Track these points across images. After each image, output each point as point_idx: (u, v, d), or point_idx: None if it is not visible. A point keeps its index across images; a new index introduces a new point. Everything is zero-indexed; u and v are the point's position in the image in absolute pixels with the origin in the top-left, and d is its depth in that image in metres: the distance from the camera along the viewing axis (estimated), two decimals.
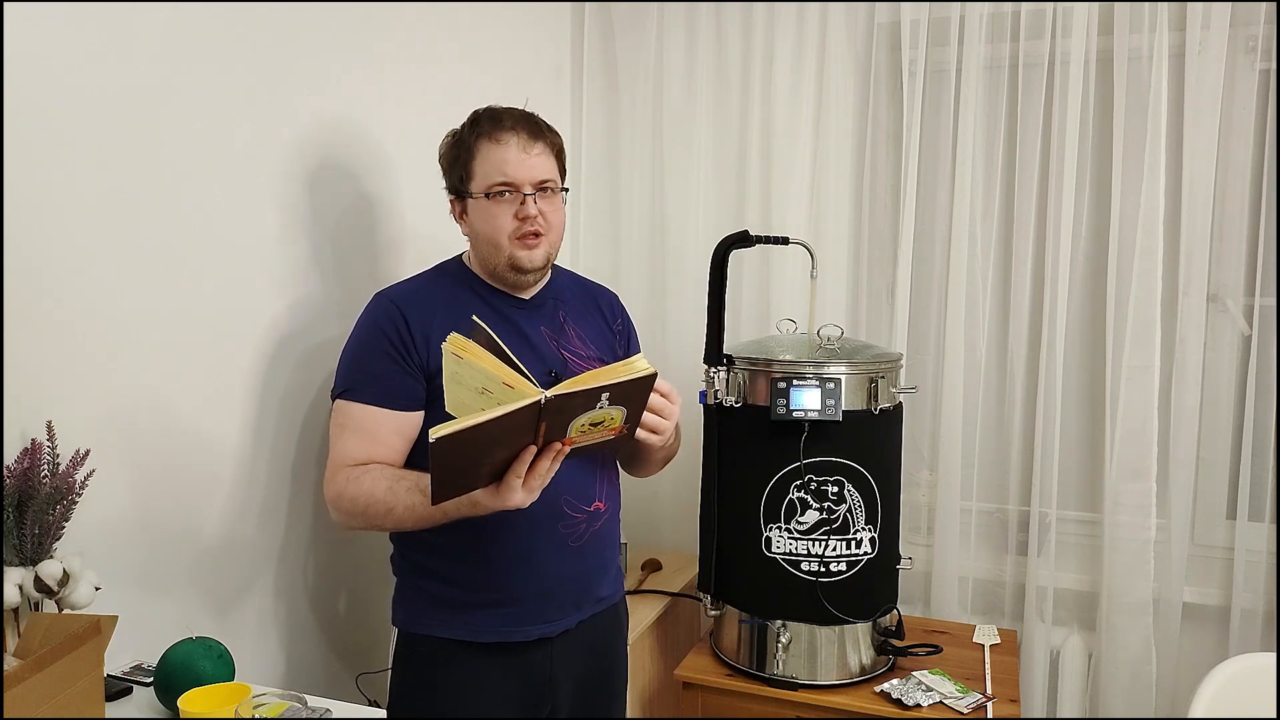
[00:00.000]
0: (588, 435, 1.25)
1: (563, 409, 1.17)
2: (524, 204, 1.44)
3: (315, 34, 1.70)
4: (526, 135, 1.45)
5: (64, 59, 1.27)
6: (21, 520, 1.17)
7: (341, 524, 1.44)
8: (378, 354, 1.43)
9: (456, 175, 1.49)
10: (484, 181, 1.44)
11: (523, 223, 1.44)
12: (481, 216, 1.46)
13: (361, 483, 1.38)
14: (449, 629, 1.47)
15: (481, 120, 1.47)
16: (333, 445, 1.44)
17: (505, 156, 1.43)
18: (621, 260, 2.62)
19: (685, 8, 2.48)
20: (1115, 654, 2.23)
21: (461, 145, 1.47)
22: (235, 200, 1.56)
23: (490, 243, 1.46)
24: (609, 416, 1.25)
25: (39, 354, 1.25)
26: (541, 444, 1.22)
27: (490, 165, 1.44)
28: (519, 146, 1.44)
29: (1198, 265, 2.14)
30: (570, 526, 1.49)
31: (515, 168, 1.43)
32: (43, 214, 1.25)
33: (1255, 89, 2.10)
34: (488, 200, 1.44)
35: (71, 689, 1.07)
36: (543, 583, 1.48)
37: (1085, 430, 2.31)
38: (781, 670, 1.92)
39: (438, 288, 1.51)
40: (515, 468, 1.22)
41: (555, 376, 1.49)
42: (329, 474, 1.43)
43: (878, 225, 2.43)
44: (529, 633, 1.48)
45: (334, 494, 1.42)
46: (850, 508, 1.88)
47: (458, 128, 1.51)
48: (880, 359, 1.92)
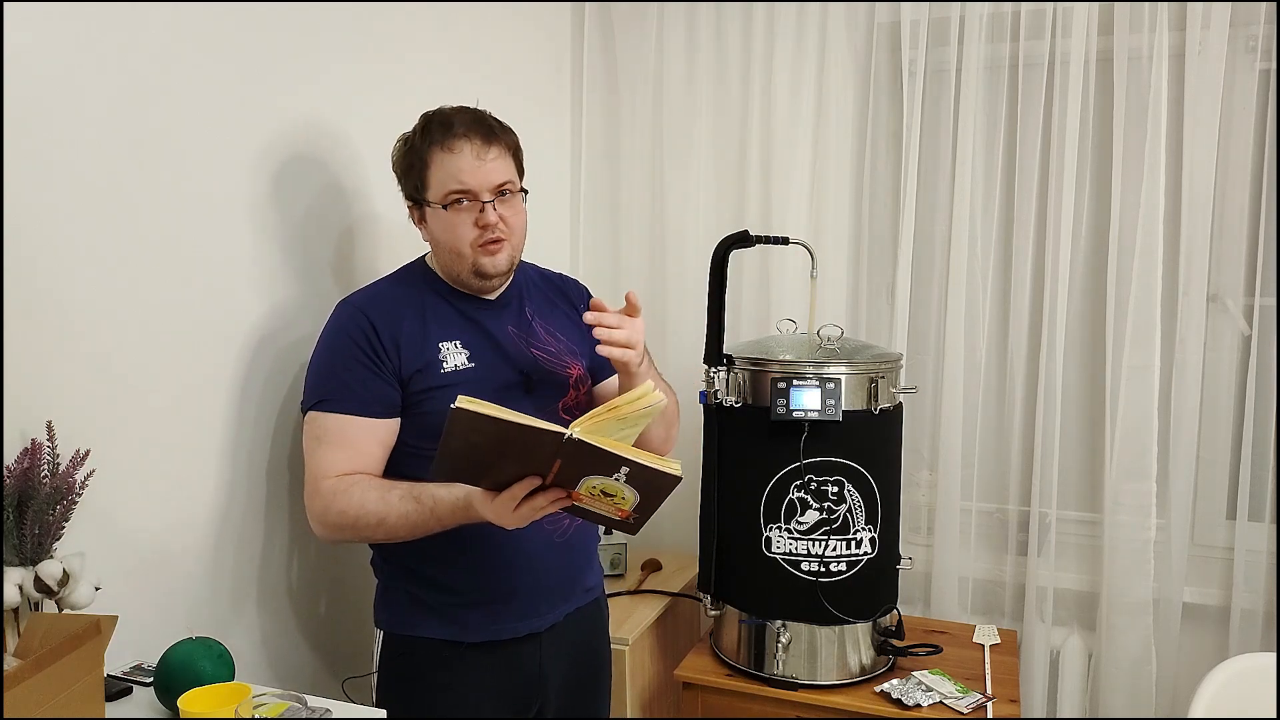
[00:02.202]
0: (595, 501, 1.22)
1: (579, 458, 1.15)
2: (483, 211, 1.41)
3: (309, 36, 1.70)
4: (480, 140, 1.41)
5: (57, 59, 1.27)
6: (21, 520, 1.17)
7: (326, 538, 1.42)
8: (349, 362, 1.41)
9: (411, 183, 1.46)
10: (440, 190, 1.42)
11: (483, 231, 1.42)
12: (441, 226, 1.44)
13: (351, 495, 1.36)
14: (436, 629, 1.46)
15: (433, 127, 1.43)
16: (310, 458, 1.42)
17: (460, 165, 1.40)
18: (621, 260, 2.61)
19: (685, 8, 2.48)
20: (1115, 654, 2.22)
21: (415, 153, 1.44)
22: (233, 202, 1.56)
23: (452, 251, 1.45)
24: (621, 494, 1.20)
25: (39, 354, 1.25)
26: (550, 482, 1.21)
27: (445, 174, 1.41)
28: (473, 153, 1.40)
29: (1198, 265, 2.14)
30: (554, 521, 1.46)
31: (471, 175, 1.40)
32: (43, 214, 1.25)
33: (1255, 89, 2.10)
34: (445, 210, 1.42)
35: (71, 689, 1.07)
36: (530, 578, 1.48)
37: (1085, 430, 2.31)
38: (781, 670, 1.92)
39: (402, 291, 1.50)
40: (514, 489, 1.21)
41: (527, 377, 1.49)
42: (310, 489, 1.41)
43: (878, 225, 2.43)
44: (517, 629, 1.48)
45: (320, 508, 1.39)
46: (850, 508, 1.88)
47: (408, 132, 1.47)
48: (880, 359, 1.92)
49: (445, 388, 1.42)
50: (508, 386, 1.46)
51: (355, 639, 1.86)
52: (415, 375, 1.42)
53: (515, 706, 1.51)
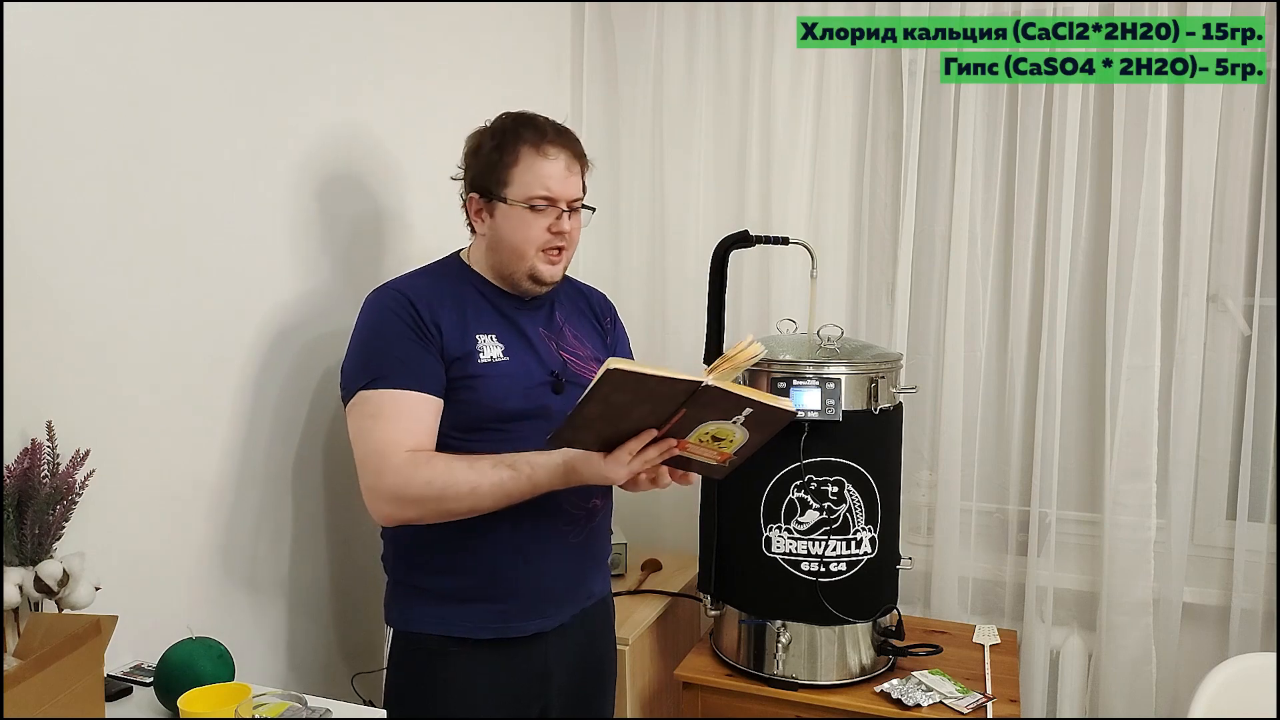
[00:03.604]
0: (702, 448, 1.33)
1: (706, 405, 1.26)
2: (560, 219, 1.45)
3: (313, 35, 1.70)
4: (572, 155, 1.46)
5: (65, 59, 1.27)
6: (21, 520, 1.17)
7: (395, 516, 1.39)
8: (399, 339, 1.40)
9: (491, 177, 1.46)
10: (525, 191, 1.44)
11: (555, 237, 1.46)
12: (513, 224, 1.45)
13: (434, 465, 1.35)
14: (446, 626, 1.47)
15: (525, 127, 1.45)
16: (368, 438, 1.38)
17: (552, 172, 1.44)
18: (621, 260, 2.61)
19: (685, 8, 2.48)
20: (1115, 654, 2.23)
21: (503, 149, 1.45)
22: (233, 202, 1.56)
23: (515, 251, 1.46)
24: (731, 436, 1.32)
25: (39, 354, 1.25)
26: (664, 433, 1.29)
27: (533, 176, 1.43)
28: (565, 165, 1.45)
29: (1198, 265, 2.14)
30: (570, 524, 1.51)
31: (560, 184, 1.44)
32: (43, 214, 1.25)
33: (1255, 90, 2.10)
34: (525, 210, 1.44)
35: (71, 689, 1.07)
36: (542, 580, 1.49)
37: (1085, 430, 2.31)
38: (781, 670, 1.92)
39: (439, 284, 1.50)
40: (630, 445, 1.30)
41: (557, 377, 1.49)
42: (375, 466, 1.36)
43: (878, 225, 2.43)
44: (525, 628, 1.49)
45: (398, 483, 1.35)
46: (850, 508, 1.88)
47: (490, 126, 1.48)
48: (880, 359, 1.92)
49: (482, 377, 1.43)
50: (539, 384, 1.48)
51: (357, 638, 1.86)
52: (455, 362, 1.43)
53: (520, 705, 1.52)
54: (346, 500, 1.83)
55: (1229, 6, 2.05)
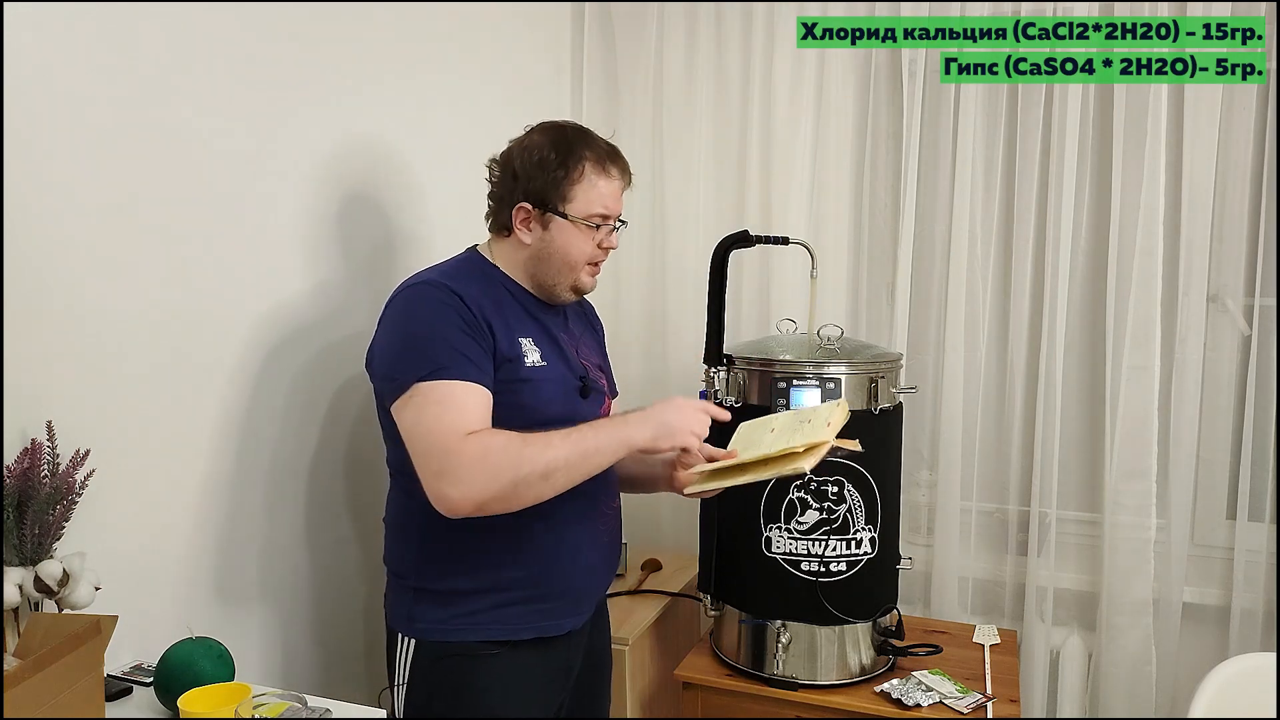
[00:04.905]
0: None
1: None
2: (610, 235, 1.50)
3: (312, 35, 1.70)
4: (623, 174, 1.51)
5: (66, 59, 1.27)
6: (21, 520, 1.17)
7: (469, 495, 1.28)
8: (456, 332, 1.36)
9: (553, 190, 1.45)
10: (586, 209, 1.46)
11: (602, 252, 1.50)
12: (569, 238, 1.46)
13: (497, 435, 1.30)
14: (484, 630, 1.44)
15: (586, 145, 1.47)
16: (434, 425, 1.30)
17: (613, 192, 1.48)
18: (621, 261, 2.61)
19: (685, 8, 2.48)
20: (1115, 654, 2.23)
21: (570, 164, 1.44)
22: (232, 203, 1.56)
23: (567, 264, 1.48)
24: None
25: (39, 354, 1.25)
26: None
27: (596, 194, 1.46)
28: (621, 186, 1.50)
29: (1198, 265, 2.14)
30: (605, 521, 1.55)
31: (615, 203, 1.49)
32: (43, 214, 1.25)
33: (1255, 89, 2.10)
34: (585, 226, 1.46)
35: (71, 689, 1.07)
36: (580, 580, 1.52)
37: (1085, 430, 2.31)
38: (781, 670, 1.92)
39: (476, 283, 1.46)
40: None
41: (585, 382, 1.52)
42: (442, 447, 1.28)
43: (878, 225, 2.43)
44: (561, 626, 1.50)
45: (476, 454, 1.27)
46: (850, 508, 1.88)
47: (547, 137, 1.46)
48: (880, 359, 1.92)
49: (530, 382, 1.43)
50: (571, 389, 1.50)
51: (358, 638, 1.86)
52: (506, 364, 1.41)
53: (550, 701, 1.53)
54: (347, 500, 1.83)
55: (1229, 6, 2.05)
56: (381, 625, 1.54)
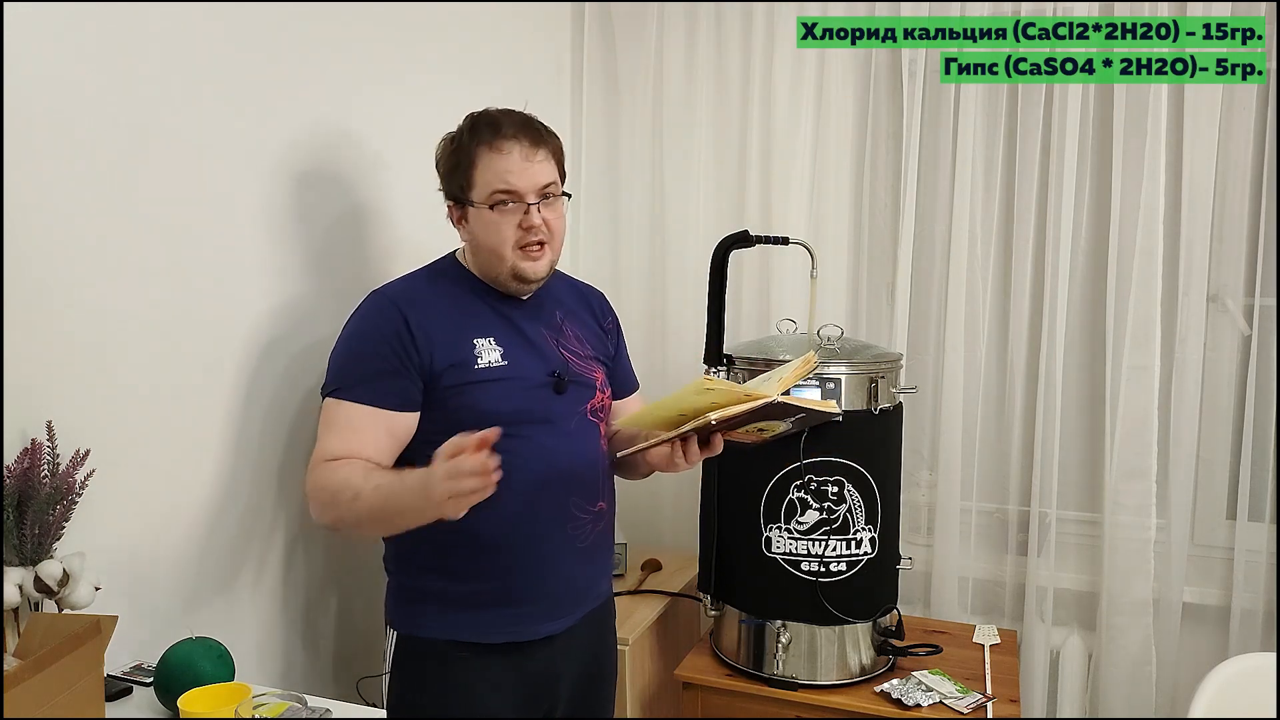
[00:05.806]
0: (745, 434, 1.44)
1: (769, 411, 1.33)
2: (528, 214, 1.42)
3: (309, 35, 1.70)
4: (529, 143, 1.42)
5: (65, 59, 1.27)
6: (21, 520, 1.17)
7: (315, 517, 1.41)
8: (375, 354, 1.41)
9: (456, 183, 1.46)
10: (485, 191, 1.42)
11: (526, 233, 1.43)
12: (483, 226, 1.44)
13: (337, 471, 1.36)
14: (454, 630, 1.46)
15: (481, 126, 1.44)
16: (318, 442, 1.42)
17: (508, 165, 1.41)
18: (621, 260, 2.61)
19: (685, 8, 2.48)
20: (1115, 654, 2.23)
21: (461, 152, 1.44)
22: (232, 202, 1.56)
23: (493, 253, 1.45)
24: (776, 428, 1.45)
25: (39, 354, 1.25)
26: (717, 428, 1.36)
27: (492, 174, 1.41)
28: (521, 155, 1.41)
29: (1198, 265, 2.14)
30: (578, 528, 1.50)
31: (518, 177, 1.41)
32: (43, 214, 1.25)
33: (1255, 89, 2.10)
34: (490, 210, 1.43)
35: (71, 689, 1.07)
36: (553, 586, 1.49)
37: (1085, 430, 2.31)
38: (781, 670, 1.92)
39: (436, 288, 1.49)
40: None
41: (559, 377, 1.49)
42: (309, 469, 1.41)
43: (878, 225, 2.42)
44: (537, 631, 1.48)
45: (311, 486, 1.39)
46: (850, 508, 1.88)
47: (454, 132, 1.48)
48: (880, 359, 1.92)
49: (479, 384, 1.42)
50: (539, 386, 1.47)
51: (357, 638, 1.86)
52: (448, 370, 1.42)
53: (528, 707, 1.51)
54: None
55: (1229, 6, 2.05)
56: (381, 625, 1.55)
